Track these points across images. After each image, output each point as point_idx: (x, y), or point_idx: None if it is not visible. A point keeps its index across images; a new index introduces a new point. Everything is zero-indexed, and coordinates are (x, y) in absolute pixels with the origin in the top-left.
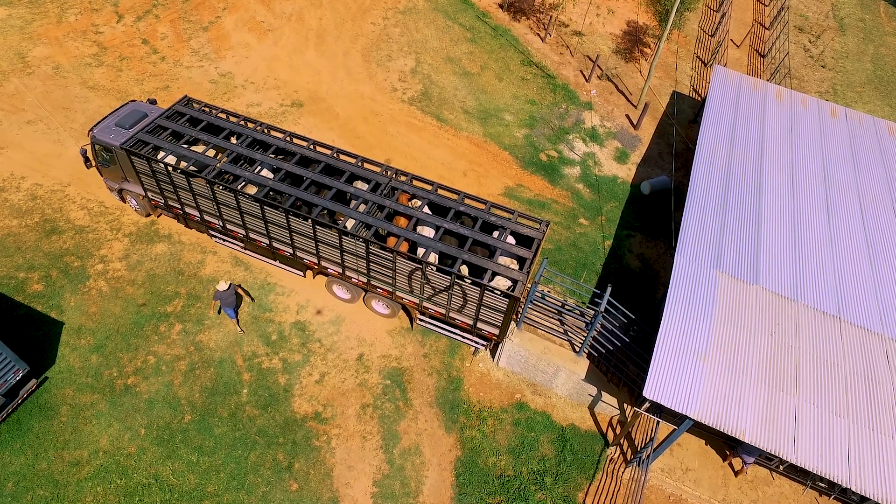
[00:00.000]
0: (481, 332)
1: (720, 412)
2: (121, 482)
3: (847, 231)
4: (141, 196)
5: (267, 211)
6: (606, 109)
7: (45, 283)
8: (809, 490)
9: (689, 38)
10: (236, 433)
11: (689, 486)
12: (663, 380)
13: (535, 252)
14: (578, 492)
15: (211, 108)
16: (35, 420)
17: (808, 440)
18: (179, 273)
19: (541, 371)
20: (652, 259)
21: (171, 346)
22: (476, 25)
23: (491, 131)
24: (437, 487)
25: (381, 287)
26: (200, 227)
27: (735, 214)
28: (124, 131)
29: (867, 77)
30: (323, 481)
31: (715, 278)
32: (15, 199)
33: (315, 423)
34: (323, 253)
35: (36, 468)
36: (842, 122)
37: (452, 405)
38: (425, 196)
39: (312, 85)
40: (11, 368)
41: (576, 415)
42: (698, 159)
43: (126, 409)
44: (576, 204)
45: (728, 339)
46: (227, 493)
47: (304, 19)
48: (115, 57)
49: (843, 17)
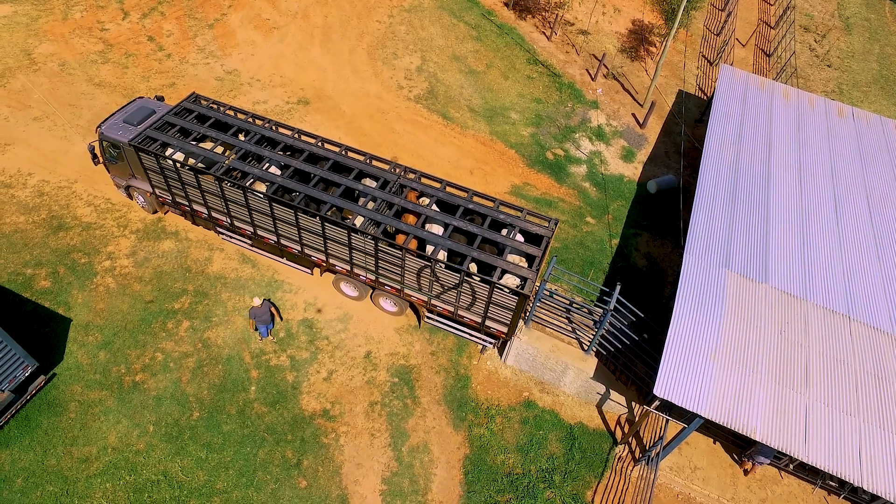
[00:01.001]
0: (490, 329)
1: (730, 410)
2: (130, 479)
3: (856, 230)
4: (148, 193)
5: (276, 208)
6: (612, 108)
7: (52, 280)
8: (818, 489)
9: (695, 37)
10: (245, 430)
11: (698, 485)
12: (673, 377)
13: (544, 250)
14: (587, 490)
15: (219, 105)
16: (44, 416)
17: (819, 439)
18: (187, 270)
19: (549, 369)
20: (659, 258)
21: (179, 342)
22: (482, 24)
23: (497, 129)
24: (445, 485)
25: (390, 284)
26: (208, 224)
27: (743, 213)
28: (132, 128)
29: (873, 76)
30: (332, 478)
31: (724, 277)
32: (22, 195)
33: (323, 420)
34: (331, 250)
35: (45, 464)
36: (849, 121)
37: (460, 403)
38: (434, 194)
39: (318, 83)
40: (21, 364)
41: (584, 413)
42: (706, 157)
43: (134, 406)
44: (582, 202)
45: (738, 337)
46: (237, 489)
47: (310, 17)
48: (121, 54)
49: (849, 16)
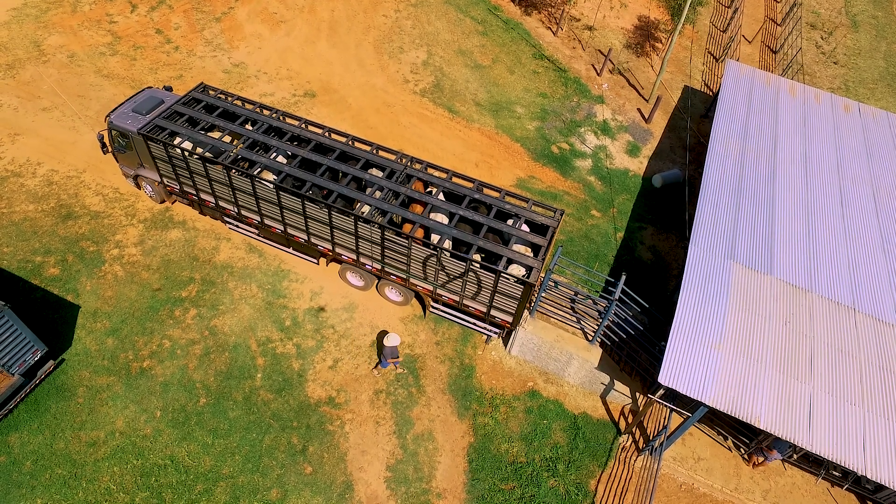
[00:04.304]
0: (494, 319)
1: (734, 399)
2: (137, 462)
3: (861, 223)
4: (156, 182)
5: (283, 197)
6: (618, 103)
7: (61, 268)
8: (822, 480)
9: (701, 33)
10: (251, 416)
11: (702, 475)
12: (678, 366)
13: (549, 240)
14: (591, 479)
15: (227, 95)
16: (52, 401)
17: (823, 428)
18: (194, 259)
19: (553, 359)
20: (664, 251)
21: (186, 330)
22: (488, 19)
23: (503, 123)
24: (449, 473)
25: (395, 274)
26: (215, 213)
27: (749, 205)
28: (141, 117)
29: (880, 74)
30: (337, 465)
31: (729, 268)
32: (31, 184)
33: (329, 407)
34: (338, 239)
35: (54, 447)
36: (855, 117)
37: (465, 392)
38: (440, 184)
39: (325, 76)
40: (31, 349)
41: (588, 403)
42: (712, 151)
43: (142, 392)
44: (588, 196)
45: (742, 327)
46: (242, 474)
47: (317, 11)
48: (129, 46)
49: (856, 13)
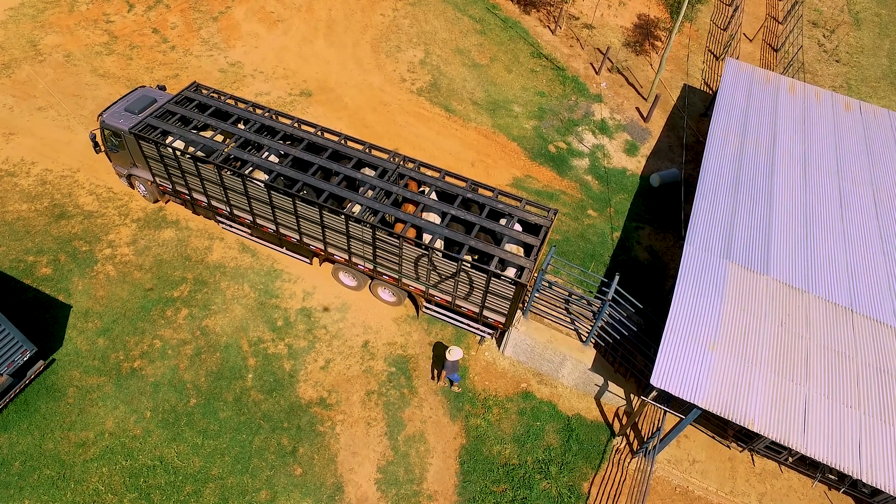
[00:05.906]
0: (487, 320)
1: (728, 401)
2: (126, 463)
3: (860, 223)
4: (149, 182)
5: (274, 196)
6: (616, 102)
7: (53, 267)
8: (818, 484)
9: (701, 31)
10: (241, 417)
11: (696, 478)
12: (671, 368)
13: (542, 240)
14: (584, 481)
15: (219, 94)
16: (42, 401)
17: (818, 430)
18: (187, 259)
19: (547, 360)
20: (661, 251)
21: (178, 330)
22: (486, 17)
23: (499, 122)
24: (441, 475)
25: (388, 274)
26: (208, 212)
27: (746, 205)
28: (133, 116)
29: (882, 72)
30: (327, 466)
31: (725, 268)
32: (25, 183)
33: (320, 408)
34: (330, 239)
35: (42, 448)
36: (856, 115)
37: (458, 393)
38: (433, 183)
39: (321, 75)
40: (19, 349)
41: (582, 405)
42: (709, 149)
43: (132, 392)
44: (584, 195)
45: (737, 328)
46: (232, 475)
47: (314, 10)
48: (126, 46)
49: (859, 11)
